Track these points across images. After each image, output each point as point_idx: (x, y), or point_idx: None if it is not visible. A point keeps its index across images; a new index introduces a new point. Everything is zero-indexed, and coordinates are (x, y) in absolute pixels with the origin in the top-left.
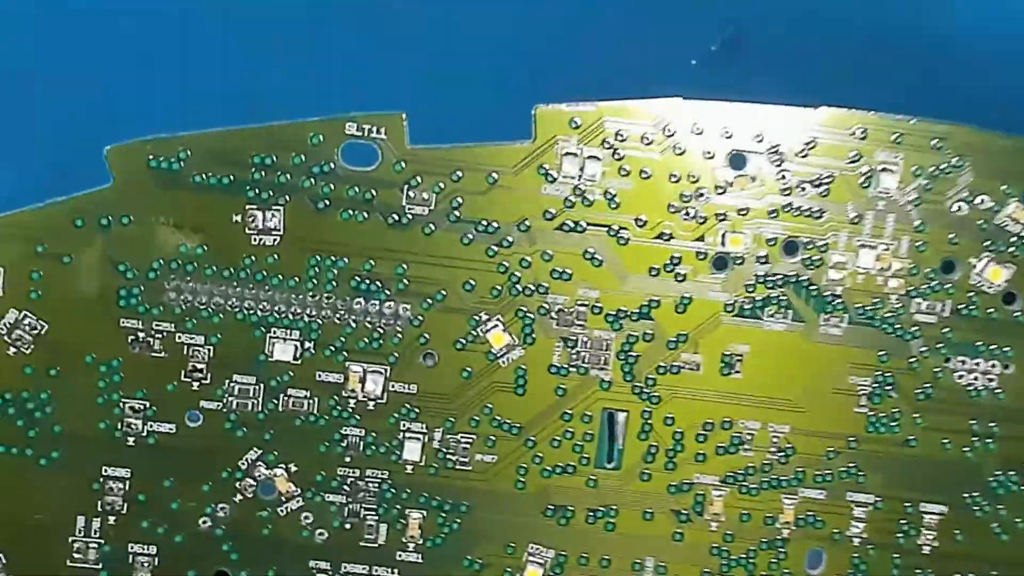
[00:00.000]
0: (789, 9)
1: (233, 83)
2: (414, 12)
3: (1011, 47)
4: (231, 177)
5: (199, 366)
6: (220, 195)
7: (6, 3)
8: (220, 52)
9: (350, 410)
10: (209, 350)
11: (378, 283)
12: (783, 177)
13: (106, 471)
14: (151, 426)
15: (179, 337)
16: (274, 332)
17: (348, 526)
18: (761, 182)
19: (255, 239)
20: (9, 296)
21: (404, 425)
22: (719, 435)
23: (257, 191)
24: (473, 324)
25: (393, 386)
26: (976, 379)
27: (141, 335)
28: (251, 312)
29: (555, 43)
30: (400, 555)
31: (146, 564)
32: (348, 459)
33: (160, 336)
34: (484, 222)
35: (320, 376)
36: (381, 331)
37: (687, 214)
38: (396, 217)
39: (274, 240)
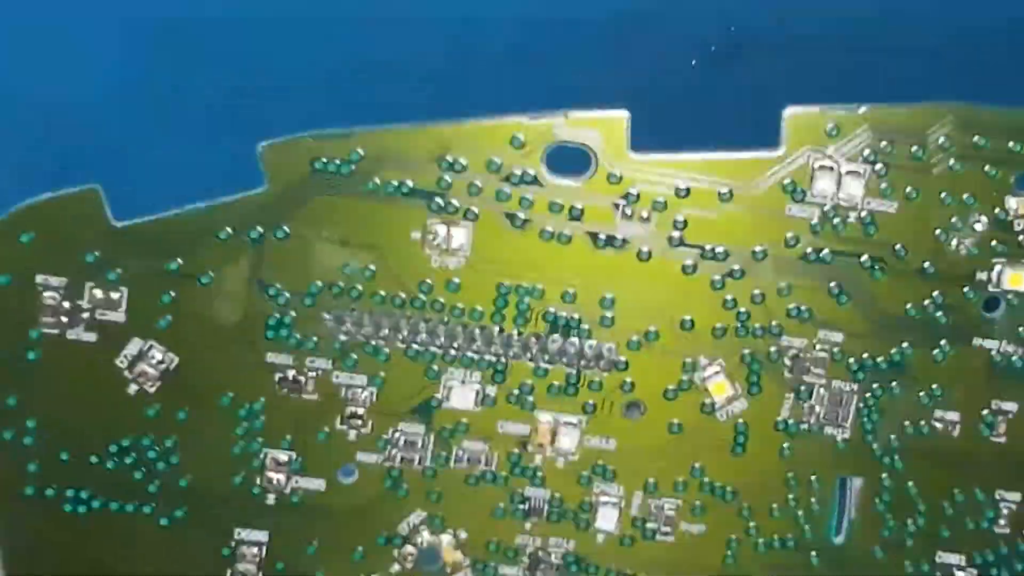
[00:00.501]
0: (789, 8)
1: (423, 73)
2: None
3: None
4: (411, 183)
5: (359, 411)
6: (397, 205)
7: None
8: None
9: (535, 467)
10: (372, 392)
11: (578, 317)
12: None
13: (239, 533)
14: (296, 481)
15: (336, 376)
16: (451, 373)
17: None
18: None
19: (436, 260)
20: (133, 322)
21: (598, 487)
22: (971, 507)
23: (442, 202)
24: (689, 370)
25: (588, 440)
26: None
27: (291, 373)
28: (425, 348)
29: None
30: None
31: None
32: (529, 525)
33: (314, 375)
34: (712, 247)
35: (502, 427)
36: (579, 375)
37: (956, 244)
38: (606, 238)
39: (458, 262)
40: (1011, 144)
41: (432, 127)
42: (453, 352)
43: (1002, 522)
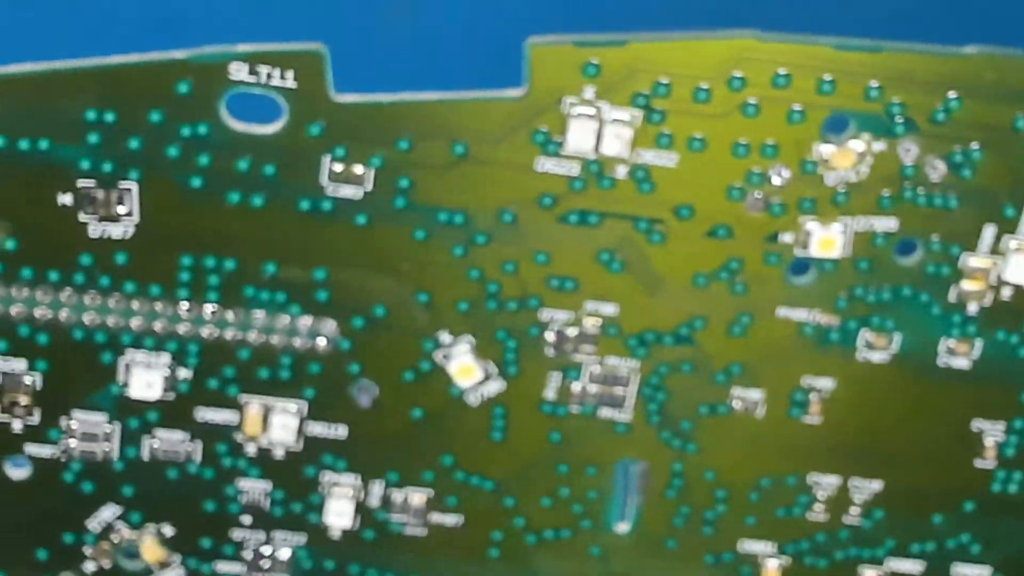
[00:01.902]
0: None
1: None
2: None
3: None
4: (52, 139)
5: (22, 400)
6: (36, 166)
7: None
8: None
9: (249, 458)
10: (35, 379)
11: (287, 292)
12: (908, 150)
13: None
14: None
15: None
16: (131, 356)
17: None
18: (870, 156)
19: (95, 230)
20: None
21: (326, 477)
22: (780, 493)
23: (95, 161)
24: (430, 347)
25: (311, 428)
26: None
27: None
28: (95, 328)
29: None
30: None
31: None
32: (248, 520)
33: None
34: (449, 210)
35: (202, 414)
36: (292, 356)
37: (757, 201)
38: (313, 202)
39: (125, 231)
40: (823, 77)
41: (76, 67)
42: (132, 333)
43: (817, 508)
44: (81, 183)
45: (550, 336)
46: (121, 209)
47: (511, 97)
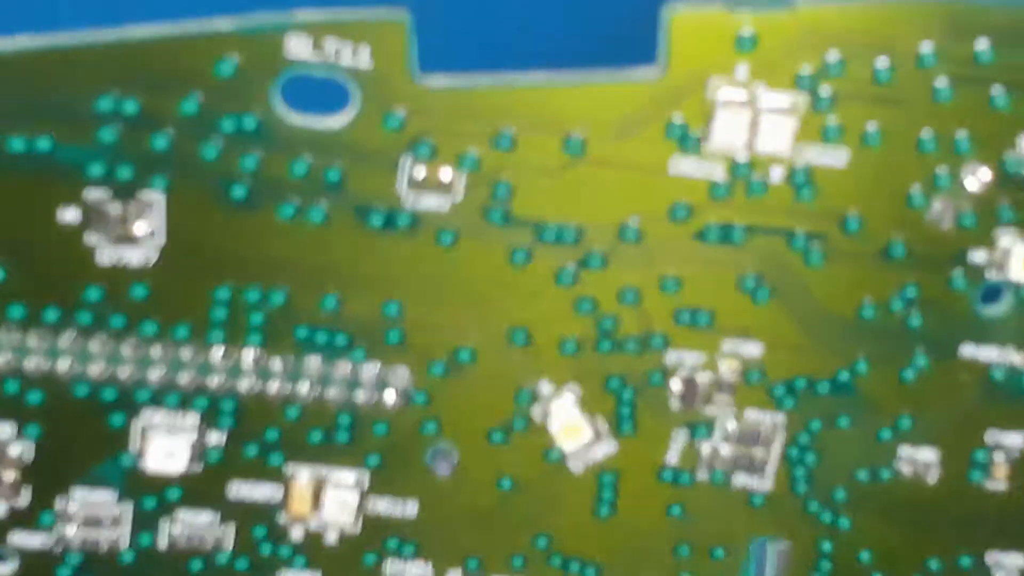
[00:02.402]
0: None
1: None
2: None
3: None
4: (54, 136)
5: (7, 476)
6: (32, 172)
7: None
8: None
9: (294, 545)
10: (25, 449)
11: (350, 332)
12: None
13: None
14: None
15: None
16: (148, 416)
17: None
18: None
19: (105, 255)
20: None
21: (391, 567)
22: None
23: (110, 164)
24: (526, 400)
25: (374, 505)
26: None
27: None
28: (104, 383)
29: None
30: None
31: None
32: None
33: None
34: (558, 225)
35: (237, 490)
36: (352, 414)
37: (944, 210)
38: (387, 215)
39: (146, 257)
40: None
41: (85, 44)
42: (150, 388)
43: None
44: (90, 193)
45: (676, 385)
46: (141, 227)
47: (642, 79)
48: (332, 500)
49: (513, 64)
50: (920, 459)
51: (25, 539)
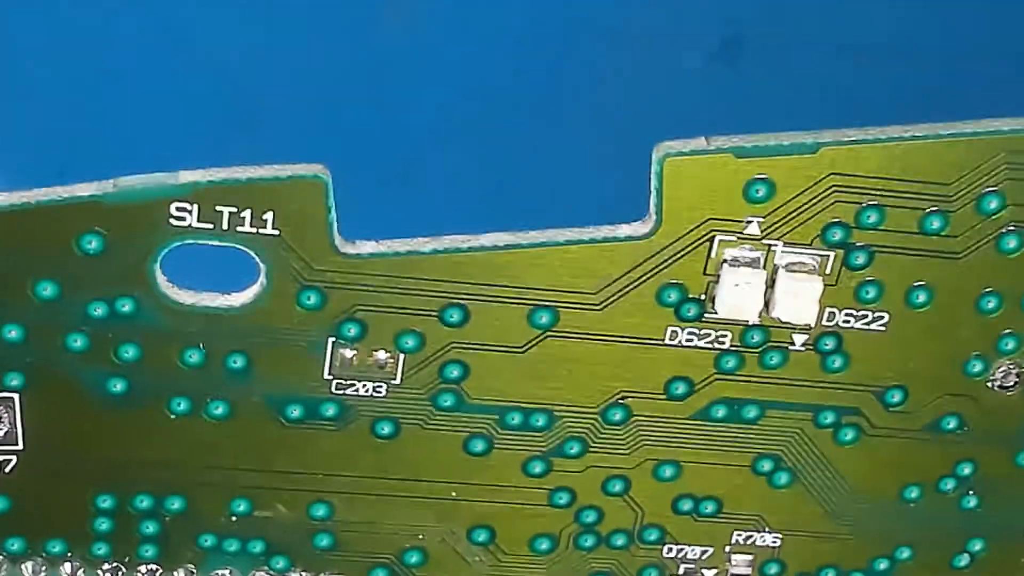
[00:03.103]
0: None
1: None
2: None
3: None
4: None
5: None
6: None
7: None
8: None
9: None
10: None
11: (265, 539)
12: None
13: None
14: None
15: None
16: None
17: None
18: None
19: None
20: None
21: None
22: None
23: None
24: None
25: None
26: None
27: None
28: None
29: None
30: None
31: None
32: None
33: None
34: (524, 408)
35: None
36: None
37: (1008, 374)
38: (308, 405)
39: (1, 463)
40: None
41: None
42: None
43: None
44: None
45: None
46: None
47: (630, 236)
48: None
49: (457, 225)
50: None
51: None
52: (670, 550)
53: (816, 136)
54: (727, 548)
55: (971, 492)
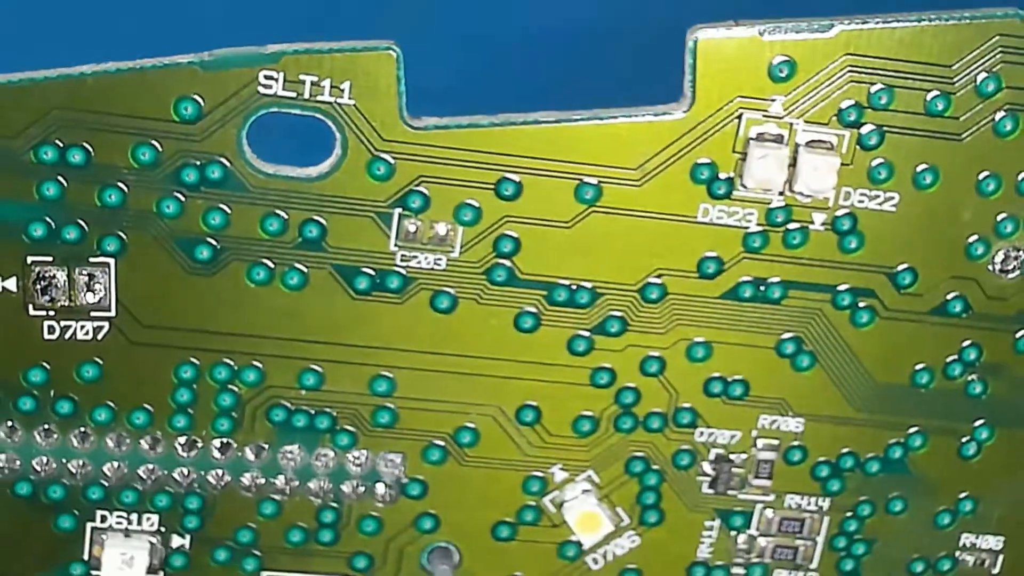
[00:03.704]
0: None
1: None
2: None
3: None
4: None
5: None
6: None
7: None
8: None
9: None
10: None
11: (332, 412)
12: None
13: None
14: None
15: None
16: (102, 519)
17: None
18: None
19: (52, 330)
20: None
21: None
22: None
23: (54, 224)
24: (536, 488)
25: None
26: None
27: None
28: (49, 480)
29: None
30: None
31: None
32: None
33: None
34: (567, 283)
35: None
36: (340, 506)
37: (1010, 259)
38: (374, 278)
39: (96, 331)
40: None
41: (23, 84)
42: (107, 487)
43: None
44: (32, 259)
45: (707, 467)
46: (91, 297)
47: (664, 115)
48: None
49: (515, 104)
50: (984, 545)
51: None
52: (701, 434)
53: (833, 19)
54: (754, 432)
55: (976, 377)
